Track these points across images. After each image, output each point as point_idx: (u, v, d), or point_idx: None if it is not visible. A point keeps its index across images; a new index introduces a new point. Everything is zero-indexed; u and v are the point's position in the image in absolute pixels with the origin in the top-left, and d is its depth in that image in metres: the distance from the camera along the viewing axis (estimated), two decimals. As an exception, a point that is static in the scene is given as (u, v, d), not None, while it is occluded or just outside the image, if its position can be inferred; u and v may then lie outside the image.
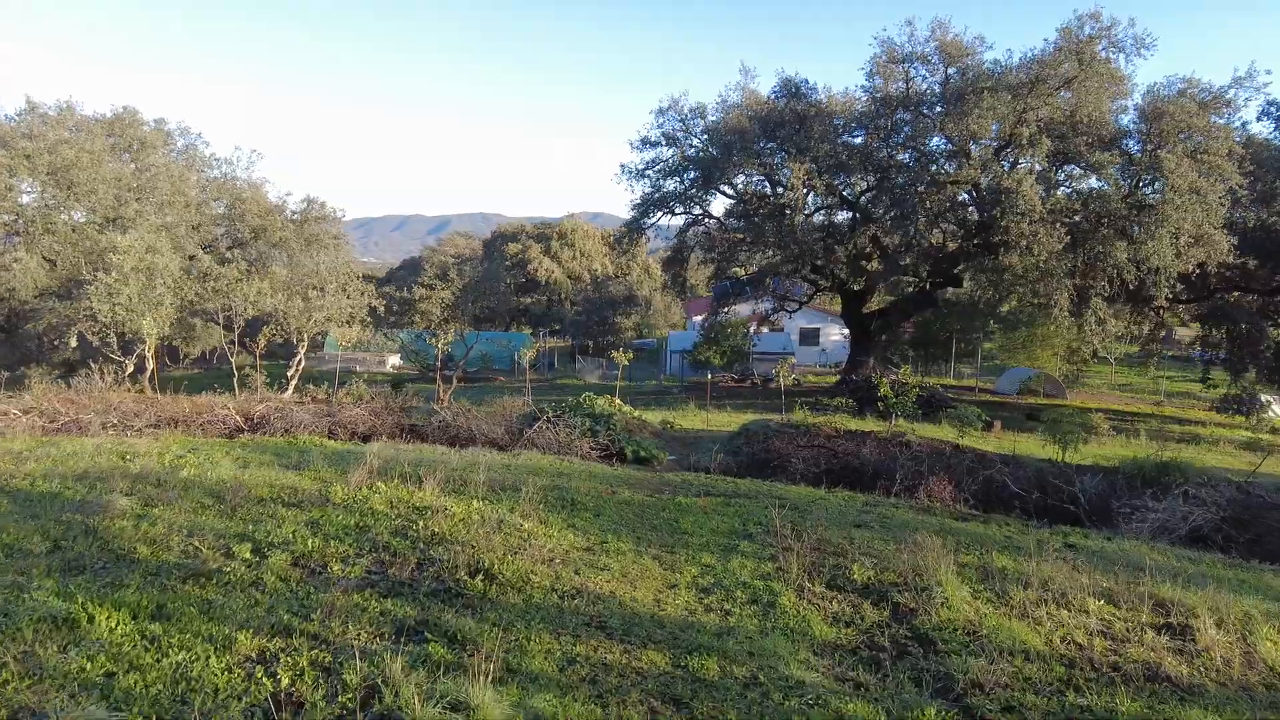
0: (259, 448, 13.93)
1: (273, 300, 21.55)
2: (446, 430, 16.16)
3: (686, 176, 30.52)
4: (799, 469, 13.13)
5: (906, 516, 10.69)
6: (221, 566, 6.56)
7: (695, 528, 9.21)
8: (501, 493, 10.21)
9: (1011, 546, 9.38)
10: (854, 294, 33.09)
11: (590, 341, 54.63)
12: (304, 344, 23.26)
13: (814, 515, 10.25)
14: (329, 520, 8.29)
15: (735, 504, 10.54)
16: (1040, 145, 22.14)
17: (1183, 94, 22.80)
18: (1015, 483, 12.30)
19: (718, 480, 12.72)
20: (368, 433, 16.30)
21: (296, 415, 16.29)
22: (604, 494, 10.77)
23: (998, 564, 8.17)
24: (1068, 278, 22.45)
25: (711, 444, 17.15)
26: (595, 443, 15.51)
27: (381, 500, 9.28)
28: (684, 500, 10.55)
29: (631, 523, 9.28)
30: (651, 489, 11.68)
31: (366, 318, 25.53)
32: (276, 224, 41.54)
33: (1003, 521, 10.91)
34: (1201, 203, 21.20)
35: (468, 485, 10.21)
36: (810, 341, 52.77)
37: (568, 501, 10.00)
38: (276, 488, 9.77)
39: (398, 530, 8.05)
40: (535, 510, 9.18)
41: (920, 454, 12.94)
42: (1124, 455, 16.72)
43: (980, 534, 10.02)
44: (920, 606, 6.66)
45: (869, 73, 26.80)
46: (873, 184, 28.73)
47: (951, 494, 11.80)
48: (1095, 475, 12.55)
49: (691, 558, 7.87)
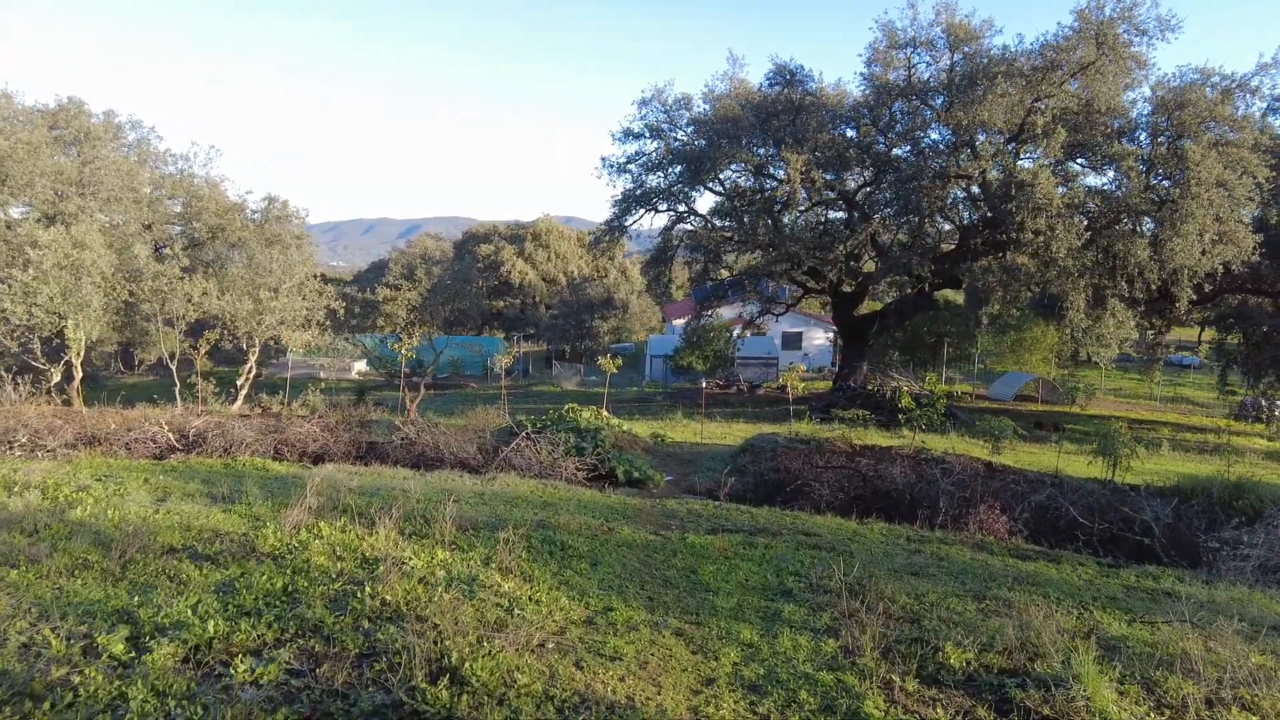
0: (187, 473, 11.86)
1: (219, 302, 19.37)
2: (410, 449, 14.16)
3: (671, 171, 28.69)
4: (823, 495, 11.32)
5: (964, 558, 8.92)
6: (70, 675, 4.55)
7: (719, 581, 7.36)
8: (475, 533, 8.30)
9: (1104, 598, 7.65)
10: (846, 296, 31.47)
11: (566, 346, 52.61)
12: (255, 350, 21.09)
13: (858, 559, 8.45)
14: (248, 583, 6.30)
15: (759, 544, 8.72)
16: (1056, 135, 20.60)
17: (1204, 82, 21.40)
18: (1074, 510, 10.59)
19: (730, 510, 10.88)
20: (320, 452, 14.25)
21: (238, 432, 14.20)
22: (600, 532, 8.88)
23: (1111, 629, 6.42)
24: (1085, 277, 20.95)
25: (711, 461, 15.33)
26: (582, 462, 13.62)
27: (322, 549, 7.31)
28: (696, 540, 8.69)
29: (639, 575, 7.41)
30: (655, 523, 9.81)
31: (325, 321, 23.40)
32: (235, 223, 39.33)
33: (1074, 561, 9.19)
34: (1229, 197, 19.81)
35: (432, 524, 8.26)
36: (793, 346, 51.23)
37: (557, 546, 8.09)
38: (192, 533, 7.78)
39: (336, 599, 6.09)
40: (517, 560, 7.28)
41: (964, 477, 11.19)
42: (1174, 471, 15.19)
43: (1057, 580, 8.28)
44: (1057, 713, 4.84)
45: (868, 59, 25.15)
46: (870, 179, 27.09)
47: (1006, 526, 10.06)
48: (1162, 500, 10.86)
49: (725, 631, 6.01)
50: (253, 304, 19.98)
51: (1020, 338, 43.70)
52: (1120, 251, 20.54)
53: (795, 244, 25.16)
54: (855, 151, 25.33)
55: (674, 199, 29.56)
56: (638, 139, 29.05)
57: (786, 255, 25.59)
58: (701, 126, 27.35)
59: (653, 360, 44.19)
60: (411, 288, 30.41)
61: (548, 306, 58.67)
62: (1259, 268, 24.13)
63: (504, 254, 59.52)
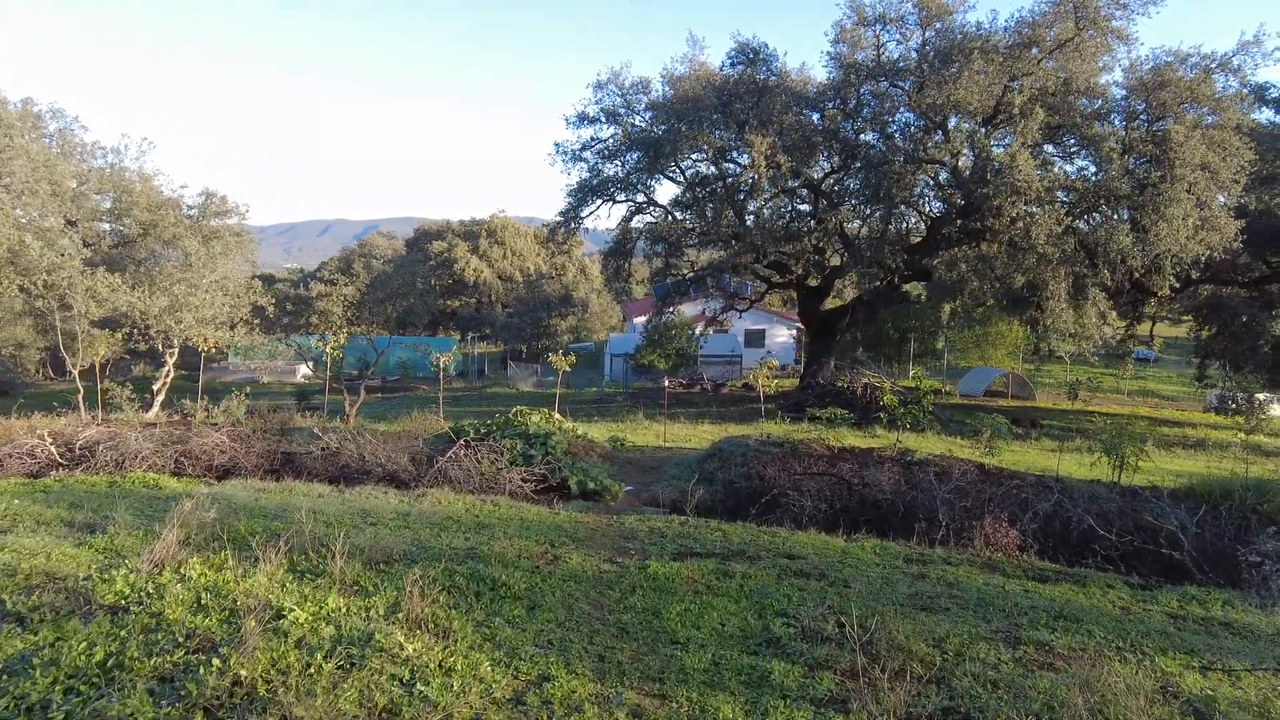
0: (58, 495, 10.04)
1: (128, 297, 17.36)
2: (333, 460, 12.44)
3: (629, 158, 27.13)
4: (804, 507, 9.87)
5: (976, 583, 7.52)
6: None
7: (688, 627, 5.85)
8: (386, 569, 6.71)
9: (1154, 633, 6.31)
10: (812, 290, 30.23)
11: (523, 346, 50.79)
12: (174, 351, 19.09)
13: (855, 590, 7.01)
14: (55, 657, 4.64)
15: (735, 573, 7.23)
16: (1034, 116, 19.48)
17: (1184, 62, 20.46)
18: (1088, 519, 9.28)
19: (698, 527, 9.37)
20: (228, 465, 12.46)
21: (134, 444, 12.34)
22: (542, 562, 7.32)
23: (1186, 683, 5.07)
24: (1065, 265, 19.89)
25: (676, 468, 13.82)
26: (529, 473, 12.03)
27: (182, 597, 5.67)
28: (660, 570, 7.17)
29: (588, 622, 5.88)
30: (610, 547, 8.28)
31: (253, 320, 21.42)
32: (169, 219, 36.90)
33: (1102, 582, 7.85)
34: (1213, 180, 18.87)
35: (332, 559, 6.62)
36: (756, 343, 50.08)
37: (486, 584, 6.51)
38: (17, 578, 6.07)
39: (172, 676, 4.46)
40: (432, 607, 5.70)
41: (964, 484, 9.83)
42: (1169, 470, 14.10)
43: (1089, 609, 6.93)
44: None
45: (834, 38, 23.82)
46: (838, 166, 25.79)
47: (1016, 540, 8.72)
48: (1185, 506, 9.61)
49: (699, 709, 4.50)
50: (168, 300, 18.02)
51: (985, 332, 43.00)
52: (1102, 238, 19.52)
53: (759, 234, 23.77)
54: (822, 137, 24.00)
55: (632, 189, 28.02)
56: (593, 123, 27.48)
57: (750, 246, 24.22)
58: (660, 111, 25.84)
59: (613, 359, 42.67)
60: (348, 282, 28.36)
61: (504, 306, 56.77)
62: (1237, 256, 23.35)
63: (457, 251, 57.36)
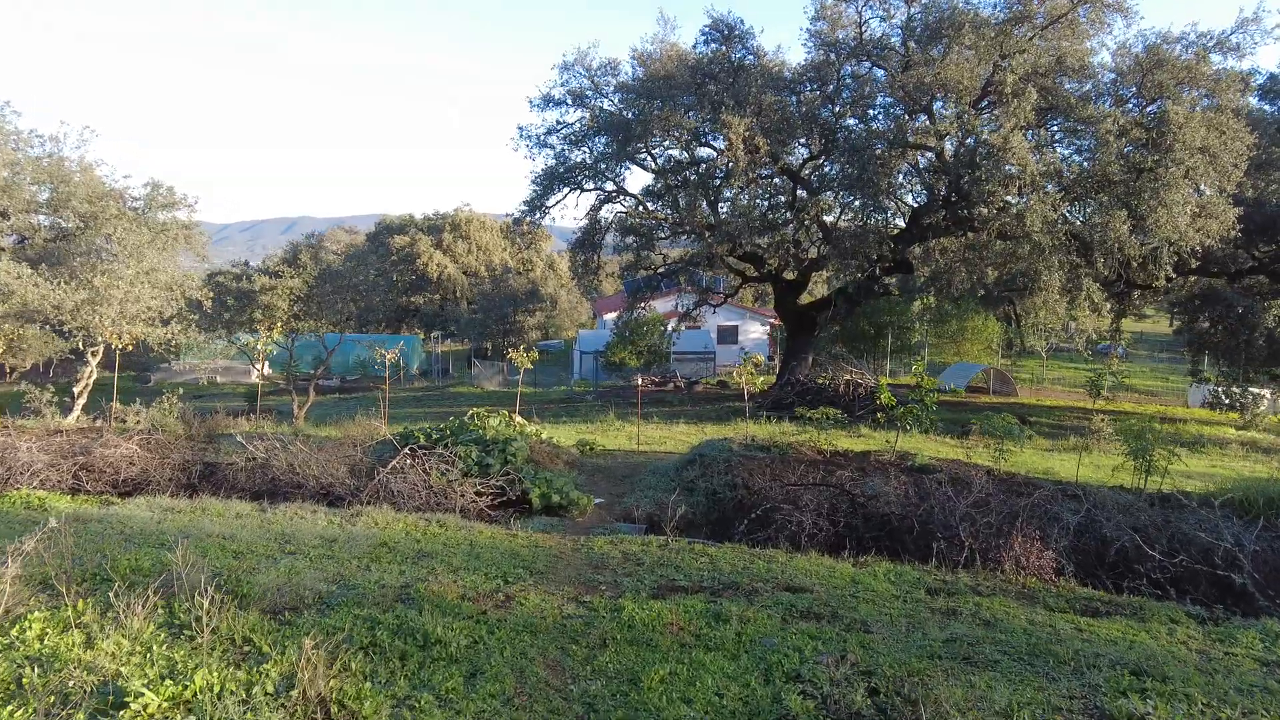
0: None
1: (37, 290, 15.61)
2: (262, 473, 10.88)
3: (597, 143, 25.68)
4: (803, 526, 8.53)
5: (1018, 621, 6.22)
6: None
7: (676, 702, 4.46)
8: (292, 620, 5.26)
9: (1258, 690, 5.05)
10: (789, 284, 29.03)
11: (489, 344, 49.06)
12: (97, 350, 17.32)
13: (878, 636, 5.68)
14: None
15: (729, 616, 5.84)
16: (1026, 96, 18.40)
17: (1180, 41, 19.53)
18: (1117, 532, 8.07)
19: (680, 550, 7.99)
20: (138, 479, 10.86)
21: (23, 456, 10.67)
22: (490, 606, 5.88)
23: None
24: (1059, 254, 18.84)
25: (652, 476, 12.43)
26: (486, 485, 10.57)
27: (9, 665, 4.20)
28: (637, 613, 5.76)
29: (543, 698, 4.46)
30: (576, 580, 6.88)
31: (189, 315, 19.67)
32: (111, 211, 34.67)
33: (1162, 615, 6.61)
34: (1213, 163, 17.93)
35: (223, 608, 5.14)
36: (729, 340, 48.96)
37: (416, 640, 5.05)
38: None
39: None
40: (338, 679, 4.26)
41: (986, 497, 8.55)
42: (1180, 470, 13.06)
43: (1162, 655, 5.65)
44: None
45: (814, 15, 22.59)
46: (817, 151, 24.56)
47: (1052, 562, 7.47)
48: (1238, 519, 8.44)
49: None
50: (87, 294, 16.31)
51: (961, 327, 42.20)
52: (1098, 226, 18.49)
53: (736, 223, 22.47)
54: (801, 121, 22.72)
55: (601, 176, 26.55)
56: (559, 106, 25.97)
57: (726, 236, 22.92)
58: (630, 92, 24.42)
59: (583, 357, 41.22)
60: (295, 274, 26.61)
61: (470, 302, 54.95)
62: (1234, 245, 22.48)
63: (420, 245, 55.37)
